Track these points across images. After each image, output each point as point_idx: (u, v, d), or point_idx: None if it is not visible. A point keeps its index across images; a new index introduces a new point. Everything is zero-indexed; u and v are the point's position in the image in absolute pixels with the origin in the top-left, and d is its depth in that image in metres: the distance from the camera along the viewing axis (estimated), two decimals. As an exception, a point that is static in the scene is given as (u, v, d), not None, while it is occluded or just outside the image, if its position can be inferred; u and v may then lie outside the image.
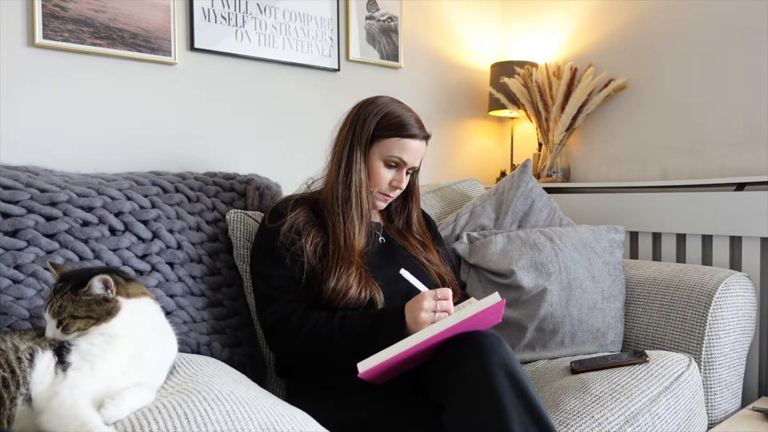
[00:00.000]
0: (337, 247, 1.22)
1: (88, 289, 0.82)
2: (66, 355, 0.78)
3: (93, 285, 0.82)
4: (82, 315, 0.81)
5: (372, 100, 1.30)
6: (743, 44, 1.84)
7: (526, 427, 0.90)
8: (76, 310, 0.81)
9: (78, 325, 0.81)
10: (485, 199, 1.83)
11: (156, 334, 0.89)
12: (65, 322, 0.81)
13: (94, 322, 0.81)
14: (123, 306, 0.84)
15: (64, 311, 0.81)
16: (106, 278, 0.83)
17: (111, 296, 0.84)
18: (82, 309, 0.81)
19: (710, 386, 1.45)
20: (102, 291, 0.83)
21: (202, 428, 0.72)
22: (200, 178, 1.51)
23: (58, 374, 0.76)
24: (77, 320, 0.81)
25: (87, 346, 0.79)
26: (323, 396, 1.16)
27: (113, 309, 0.83)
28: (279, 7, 1.89)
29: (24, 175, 1.23)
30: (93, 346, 0.79)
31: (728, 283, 1.52)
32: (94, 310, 0.82)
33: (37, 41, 1.46)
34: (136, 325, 0.85)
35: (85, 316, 0.81)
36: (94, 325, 0.81)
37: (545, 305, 1.52)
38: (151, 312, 0.91)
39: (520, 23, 2.56)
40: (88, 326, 0.81)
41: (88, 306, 0.82)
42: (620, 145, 2.21)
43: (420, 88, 2.33)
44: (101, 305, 0.83)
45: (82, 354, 0.78)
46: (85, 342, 0.80)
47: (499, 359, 0.95)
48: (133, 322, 0.85)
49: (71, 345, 0.79)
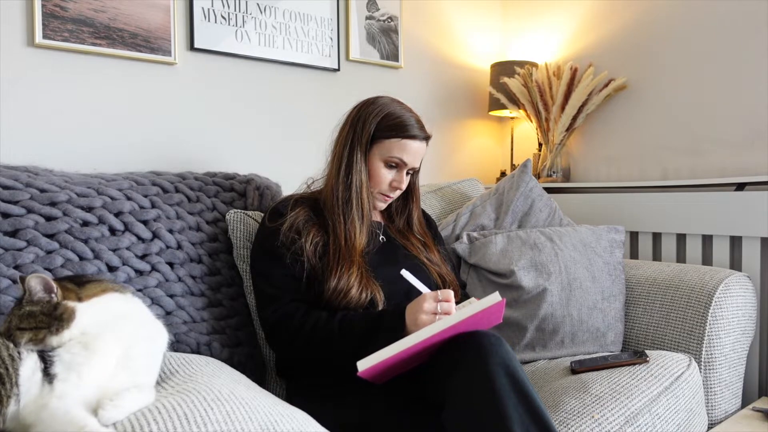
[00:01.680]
0: (338, 246, 1.22)
1: (28, 295, 0.77)
2: (50, 367, 0.74)
3: (30, 288, 0.77)
4: (28, 326, 0.76)
5: (372, 101, 1.30)
6: (743, 44, 1.84)
7: (526, 427, 0.90)
8: (20, 322, 0.76)
9: (26, 337, 0.75)
10: (485, 199, 1.83)
11: (139, 328, 0.85)
12: (14, 337, 0.76)
13: (46, 331, 0.76)
14: (78, 310, 0.79)
15: (10, 327, 0.76)
16: (44, 279, 0.78)
17: (56, 300, 0.78)
18: (26, 320, 0.76)
19: (710, 386, 1.45)
20: (44, 294, 0.78)
21: (202, 428, 0.72)
22: (200, 178, 1.51)
23: (44, 386, 0.73)
24: (24, 332, 0.76)
25: (69, 356, 0.75)
26: (323, 396, 1.16)
27: (64, 315, 0.78)
28: (279, 7, 1.89)
29: (24, 175, 1.22)
30: (75, 355, 0.76)
31: (728, 283, 1.52)
32: (41, 320, 0.76)
33: (36, 41, 1.46)
34: (107, 324, 0.81)
35: (32, 327, 0.76)
36: (50, 335, 0.76)
37: (545, 305, 1.52)
38: (121, 306, 0.86)
39: (520, 23, 2.56)
40: (39, 337, 0.76)
41: (33, 317, 0.76)
42: (620, 145, 2.21)
43: (420, 88, 2.33)
44: (47, 314, 0.77)
45: (67, 364, 0.75)
46: (65, 352, 0.76)
47: (499, 359, 0.95)
48: (103, 322, 0.80)
49: (53, 356, 0.75)
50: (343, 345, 1.12)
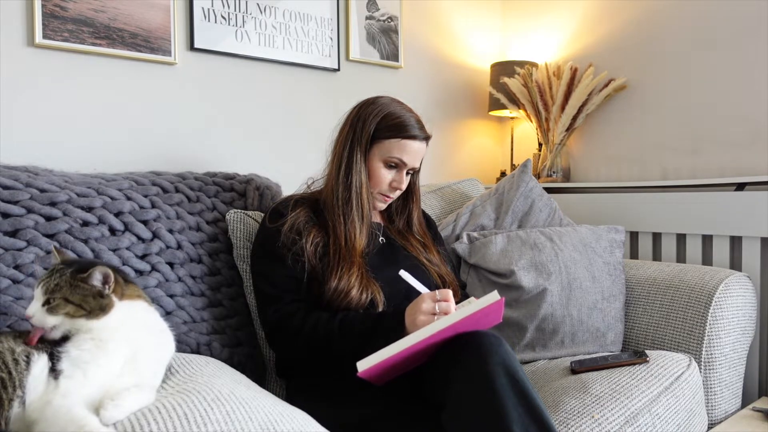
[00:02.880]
0: (338, 247, 1.22)
1: (87, 276, 0.80)
2: (57, 363, 0.75)
3: (93, 275, 0.80)
4: (76, 301, 0.79)
5: (372, 101, 1.30)
6: (743, 44, 1.84)
7: (526, 428, 0.90)
8: (71, 294, 0.79)
9: (67, 310, 0.78)
10: (485, 199, 1.83)
11: (150, 335, 0.87)
12: (55, 303, 0.78)
13: (84, 313, 0.79)
14: (115, 306, 0.82)
15: (58, 291, 0.79)
16: (107, 272, 0.81)
17: (107, 292, 0.82)
18: (77, 296, 0.79)
19: (710, 386, 1.45)
20: (99, 284, 0.81)
21: (202, 428, 0.72)
22: (200, 178, 1.51)
23: (50, 382, 0.74)
24: (68, 305, 0.79)
25: (77, 352, 0.77)
26: (323, 396, 1.16)
27: (106, 306, 0.81)
28: (279, 7, 1.89)
29: (24, 175, 1.22)
30: (84, 352, 0.77)
31: (728, 283, 1.52)
32: (88, 302, 0.80)
33: (36, 41, 1.46)
34: (126, 328, 0.82)
35: (78, 304, 0.79)
36: (83, 318, 0.79)
37: (545, 305, 1.52)
38: (144, 315, 0.88)
39: (520, 23, 2.56)
40: (77, 315, 0.79)
41: (83, 295, 0.80)
42: (620, 145, 2.21)
43: (420, 88, 2.33)
44: (95, 299, 0.80)
45: (73, 361, 0.76)
46: (75, 348, 0.77)
47: (499, 359, 0.95)
48: (124, 325, 0.82)
49: (61, 352, 0.77)
50: (343, 345, 1.12)
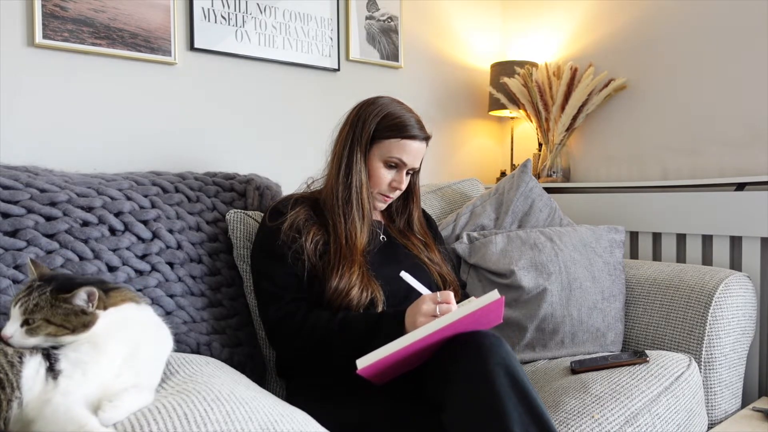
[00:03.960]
0: (339, 246, 1.22)
1: (71, 297, 0.78)
2: (55, 363, 0.75)
3: (78, 295, 0.79)
4: (57, 322, 0.77)
5: (372, 101, 1.30)
6: (743, 44, 1.84)
7: (526, 428, 0.90)
8: (52, 314, 0.77)
9: (49, 331, 0.76)
10: (485, 199, 1.83)
11: (146, 333, 0.87)
12: (35, 324, 0.76)
13: (67, 332, 0.77)
14: (99, 317, 0.81)
15: (38, 311, 0.77)
16: (92, 291, 0.80)
17: (90, 310, 0.80)
18: (59, 316, 0.77)
19: (710, 386, 1.45)
20: (84, 303, 0.80)
21: (202, 428, 0.72)
22: (200, 178, 1.51)
23: (48, 382, 0.73)
24: (50, 325, 0.77)
25: (76, 354, 0.76)
26: (323, 396, 1.16)
27: (89, 322, 0.79)
28: (279, 7, 1.89)
29: (24, 175, 1.22)
30: (82, 354, 0.76)
31: (728, 283, 1.52)
32: (71, 321, 0.78)
33: (36, 41, 1.46)
34: (119, 330, 0.82)
35: (60, 324, 0.77)
36: (68, 335, 0.78)
37: (545, 305, 1.52)
38: (134, 316, 0.87)
39: (520, 23, 2.56)
40: (58, 334, 0.77)
41: (66, 315, 0.78)
42: (620, 145, 2.21)
43: (420, 88, 2.33)
44: (78, 317, 0.79)
45: (73, 362, 0.75)
46: (71, 350, 0.77)
47: (499, 359, 0.95)
48: (115, 326, 0.82)
49: (59, 354, 0.76)
50: (343, 345, 1.12)
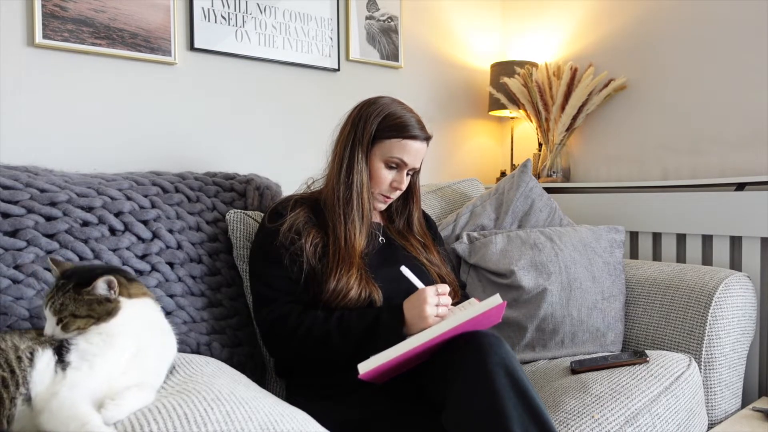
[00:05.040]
0: (338, 247, 1.22)
1: (92, 289, 0.82)
2: (65, 354, 0.78)
3: (98, 286, 0.83)
4: (83, 314, 0.81)
5: (373, 101, 1.30)
6: (743, 44, 1.84)
7: (526, 427, 0.90)
8: (77, 309, 0.81)
9: (78, 324, 0.81)
10: (485, 199, 1.83)
11: (156, 334, 0.89)
12: (65, 321, 0.81)
13: (94, 321, 0.82)
14: (123, 306, 0.84)
15: (65, 309, 0.81)
16: (111, 279, 0.84)
17: (113, 297, 0.84)
18: (84, 308, 0.82)
19: (710, 386, 1.45)
20: (105, 292, 0.84)
21: (202, 428, 0.72)
22: (200, 178, 1.51)
23: (57, 373, 0.76)
24: (78, 319, 0.81)
25: (86, 345, 0.79)
26: (323, 396, 1.16)
27: (114, 309, 0.83)
28: (279, 7, 1.89)
29: (24, 175, 1.22)
30: (92, 345, 0.79)
31: (728, 283, 1.52)
32: (95, 310, 0.82)
33: (37, 41, 1.46)
34: (134, 325, 0.85)
35: (86, 316, 0.81)
36: (93, 324, 0.82)
37: (545, 305, 1.52)
38: (151, 312, 0.91)
39: (520, 23, 2.56)
40: (88, 325, 0.81)
41: (90, 305, 0.82)
42: (620, 145, 2.21)
43: (420, 88, 2.33)
44: (102, 305, 0.83)
45: (81, 353, 0.78)
46: (84, 341, 0.80)
47: (499, 359, 0.95)
48: (132, 322, 0.85)
49: (70, 344, 0.79)
50: (342, 345, 1.12)
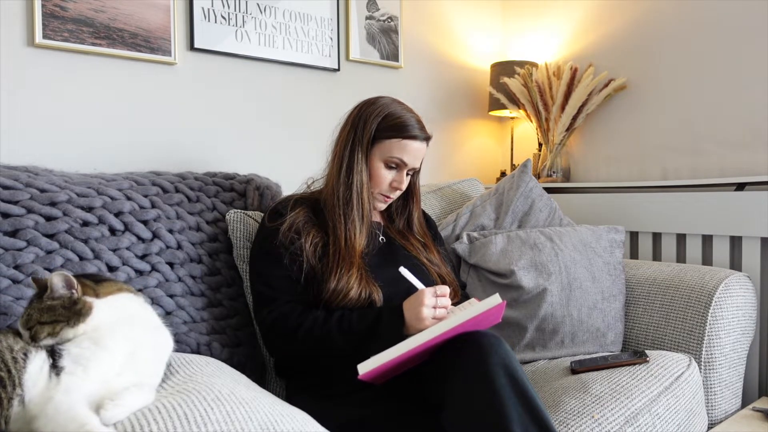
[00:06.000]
0: (338, 247, 1.22)
1: (50, 291, 0.81)
2: (58, 360, 0.76)
3: (53, 284, 0.81)
4: (48, 320, 0.79)
5: (373, 101, 1.30)
6: (743, 44, 1.84)
7: (526, 427, 0.90)
8: (41, 316, 0.80)
9: (47, 331, 0.79)
10: (485, 199, 1.83)
11: (148, 331, 0.87)
12: (34, 330, 0.79)
13: (64, 324, 0.80)
14: (95, 306, 0.83)
15: (31, 320, 0.80)
16: (66, 277, 0.82)
17: (76, 296, 0.82)
18: (47, 314, 0.80)
19: (710, 386, 1.45)
20: (65, 291, 0.82)
21: (202, 428, 0.72)
22: (200, 178, 1.51)
23: (51, 379, 0.74)
24: (45, 326, 0.79)
25: (78, 349, 0.78)
26: (323, 396, 1.16)
27: (83, 309, 0.81)
28: (279, 7, 1.89)
29: (24, 175, 1.22)
30: (84, 349, 0.78)
31: (728, 283, 1.52)
32: (61, 313, 0.80)
33: (36, 41, 1.46)
34: (120, 323, 0.83)
35: (52, 321, 0.79)
36: (67, 327, 0.79)
37: (545, 305, 1.52)
38: (134, 306, 0.89)
39: (520, 23, 2.56)
40: (57, 330, 0.79)
41: (53, 310, 0.80)
42: (620, 145, 2.21)
43: (420, 88, 2.33)
44: (67, 308, 0.81)
45: (75, 358, 0.77)
46: (74, 346, 0.78)
47: (499, 359, 0.95)
48: (117, 320, 0.83)
49: (62, 349, 0.78)
50: (342, 345, 1.12)
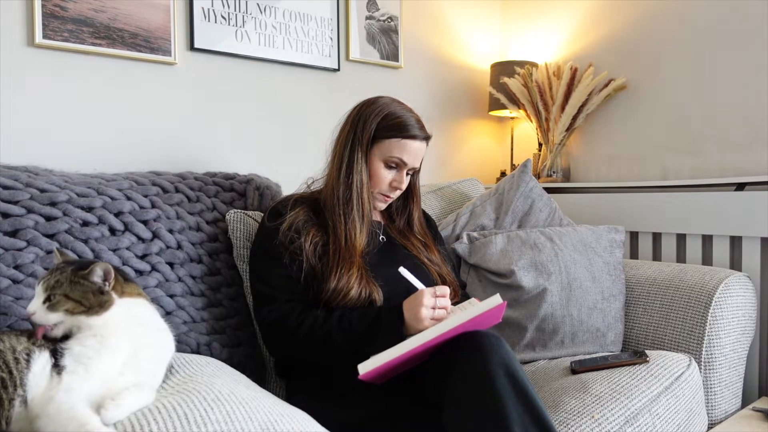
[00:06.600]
0: (338, 247, 1.22)
1: (88, 273, 0.82)
2: (60, 359, 0.77)
3: (94, 270, 0.82)
4: (75, 297, 0.80)
5: (373, 101, 1.30)
6: (743, 44, 1.84)
7: (526, 427, 0.90)
8: (71, 290, 0.80)
9: (67, 306, 0.79)
10: (485, 199, 1.83)
11: (151, 333, 0.88)
12: (55, 300, 0.79)
13: (84, 309, 0.80)
14: (115, 303, 0.84)
15: (59, 287, 0.80)
16: (108, 269, 0.83)
17: (106, 289, 0.83)
18: (77, 292, 0.81)
19: (710, 386, 1.45)
20: (100, 280, 0.83)
21: (202, 428, 0.72)
22: (200, 178, 1.51)
23: (53, 378, 0.75)
24: (69, 301, 0.80)
25: (80, 348, 0.78)
26: (323, 396, 1.16)
27: (105, 303, 0.82)
28: (279, 7, 1.89)
29: (24, 175, 1.22)
30: (87, 348, 0.78)
31: (728, 283, 1.52)
32: (88, 298, 0.81)
33: (36, 41, 1.46)
34: (127, 325, 0.84)
35: (77, 300, 0.80)
36: (83, 314, 0.80)
37: (545, 305, 1.52)
38: (145, 312, 0.90)
39: (520, 23, 2.56)
40: (76, 311, 0.80)
41: (84, 291, 0.81)
42: (620, 145, 2.21)
43: (420, 88, 2.33)
44: (95, 296, 0.82)
45: (76, 357, 0.77)
46: (77, 344, 0.78)
47: (499, 359, 0.95)
48: (125, 321, 0.84)
49: (64, 348, 0.78)
50: (342, 345, 1.12)
